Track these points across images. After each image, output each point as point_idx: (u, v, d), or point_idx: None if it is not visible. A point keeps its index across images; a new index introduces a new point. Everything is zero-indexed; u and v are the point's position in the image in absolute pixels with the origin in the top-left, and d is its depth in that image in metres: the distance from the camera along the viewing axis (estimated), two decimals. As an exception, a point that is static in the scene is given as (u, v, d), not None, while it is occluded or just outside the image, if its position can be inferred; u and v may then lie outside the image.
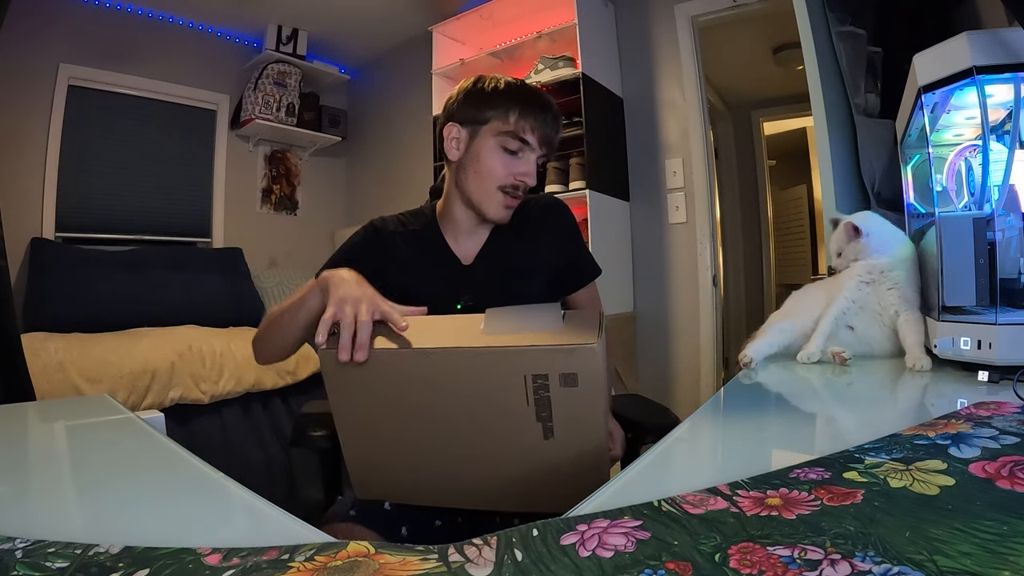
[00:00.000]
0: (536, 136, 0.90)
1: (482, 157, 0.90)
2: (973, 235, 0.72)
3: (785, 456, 0.46)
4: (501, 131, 0.89)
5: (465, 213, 0.95)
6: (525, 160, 0.90)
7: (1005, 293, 0.72)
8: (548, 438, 0.57)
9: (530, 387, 0.55)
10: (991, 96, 0.74)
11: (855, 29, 1.24)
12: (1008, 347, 0.66)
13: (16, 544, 0.33)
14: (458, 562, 0.29)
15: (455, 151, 0.92)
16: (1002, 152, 0.74)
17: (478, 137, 0.90)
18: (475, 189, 0.91)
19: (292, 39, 3.07)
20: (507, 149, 0.89)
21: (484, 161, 0.90)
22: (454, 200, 0.95)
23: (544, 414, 0.56)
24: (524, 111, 0.89)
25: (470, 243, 0.97)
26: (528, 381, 0.55)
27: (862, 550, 0.27)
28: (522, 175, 0.90)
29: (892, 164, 1.16)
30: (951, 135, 0.86)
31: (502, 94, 0.90)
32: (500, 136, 0.89)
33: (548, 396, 0.55)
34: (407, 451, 0.63)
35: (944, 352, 0.73)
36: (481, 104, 0.90)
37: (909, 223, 0.99)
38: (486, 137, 0.90)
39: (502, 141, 0.89)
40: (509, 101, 0.89)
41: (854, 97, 1.27)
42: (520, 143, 0.89)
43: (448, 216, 0.97)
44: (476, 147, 0.90)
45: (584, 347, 0.54)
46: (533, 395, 0.56)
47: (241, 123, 3.09)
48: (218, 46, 3.08)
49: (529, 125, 0.89)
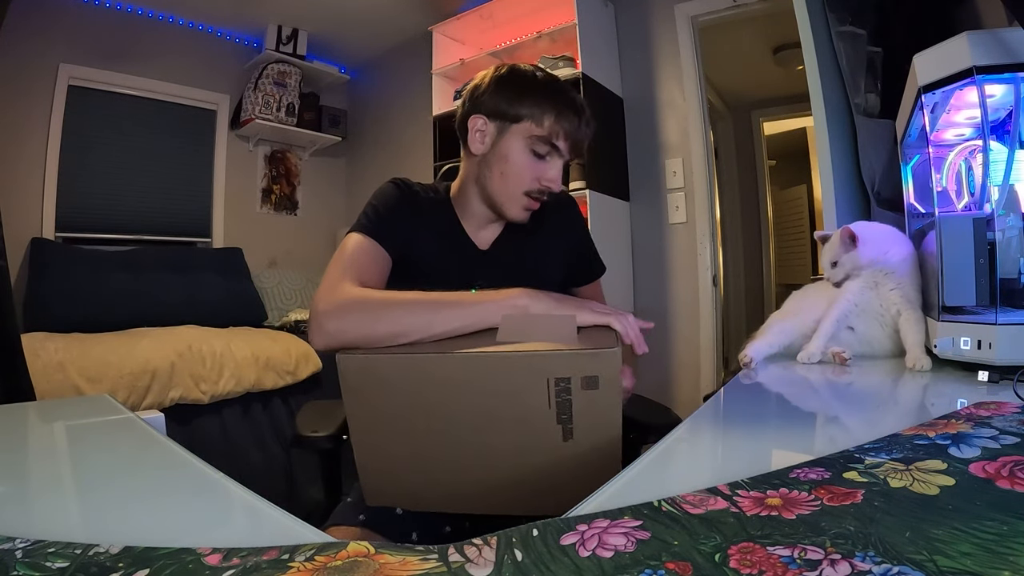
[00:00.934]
0: (568, 143, 0.85)
1: (511, 159, 0.85)
2: (973, 235, 0.72)
3: (785, 456, 0.46)
4: (533, 134, 0.84)
5: (481, 208, 0.91)
6: (552, 165, 0.86)
7: (1005, 293, 0.72)
8: (567, 440, 0.58)
9: (552, 390, 0.57)
10: (991, 96, 0.74)
11: (855, 29, 1.24)
12: (1008, 347, 0.66)
13: (16, 544, 0.33)
14: (458, 562, 0.29)
15: (479, 145, 0.87)
16: (1002, 152, 0.74)
17: (507, 135, 0.85)
18: (499, 190, 0.87)
19: (292, 39, 3.07)
20: (536, 152, 0.85)
21: (513, 163, 0.85)
22: (471, 193, 0.91)
23: (564, 416, 0.58)
24: (560, 116, 0.84)
25: (484, 232, 0.95)
26: (551, 384, 0.57)
27: (862, 550, 0.27)
28: (549, 180, 0.86)
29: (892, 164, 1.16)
30: (951, 135, 0.86)
31: (538, 92, 0.85)
32: (531, 139, 0.84)
33: (569, 400, 0.57)
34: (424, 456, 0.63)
35: (944, 352, 0.73)
36: (514, 99, 0.85)
37: (909, 223, 0.99)
38: (516, 137, 0.85)
39: (532, 144, 0.84)
40: (545, 102, 0.84)
41: (854, 97, 1.27)
42: (550, 148, 0.85)
43: (464, 205, 0.93)
44: (504, 146, 0.85)
45: (607, 351, 0.57)
46: (555, 398, 0.57)
47: (241, 123, 3.09)
48: (218, 46, 3.08)
49: (563, 131, 0.84)
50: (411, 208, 0.88)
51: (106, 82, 2.68)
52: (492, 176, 0.87)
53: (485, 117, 0.86)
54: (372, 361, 0.62)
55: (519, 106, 0.84)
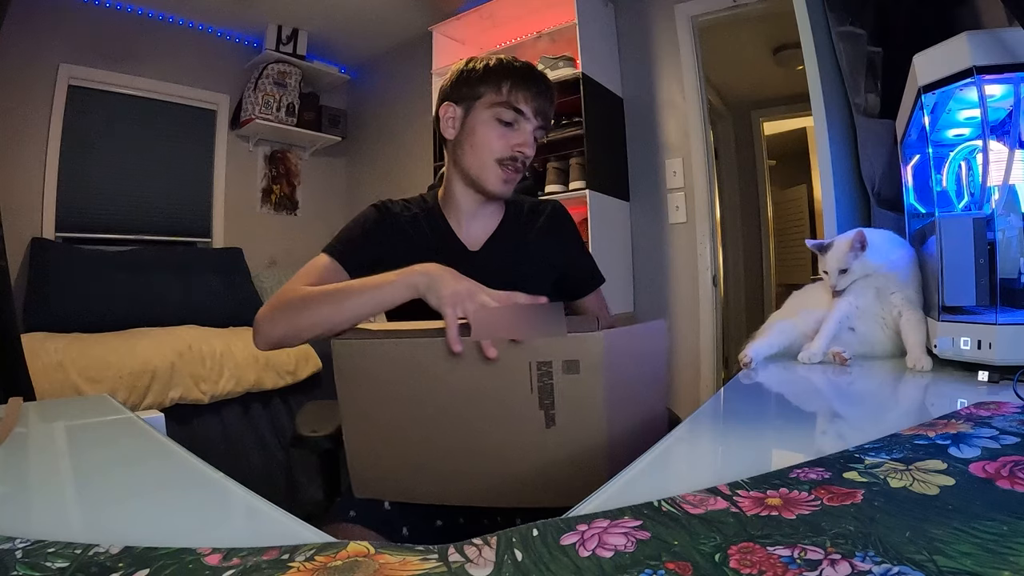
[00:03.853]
0: (530, 106, 0.90)
1: (477, 131, 0.90)
2: (973, 235, 0.72)
3: (785, 456, 0.46)
4: (495, 103, 0.89)
5: (465, 192, 0.95)
6: (521, 131, 0.90)
7: (1005, 293, 0.72)
8: (550, 427, 0.59)
9: (534, 374, 0.58)
10: (991, 96, 0.74)
11: (855, 29, 1.24)
12: (1008, 347, 0.66)
13: (16, 544, 0.33)
14: (458, 562, 0.29)
15: (451, 130, 0.93)
16: (1002, 152, 0.74)
17: (473, 112, 0.91)
18: (472, 163, 0.91)
19: (292, 39, 3.07)
20: (502, 121, 0.89)
21: (479, 134, 0.90)
22: (454, 180, 0.95)
23: (547, 402, 0.58)
24: (516, 82, 0.89)
25: (475, 228, 0.96)
26: (533, 368, 0.58)
27: (862, 550, 0.27)
28: (519, 146, 0.90)
29: (892, 164, 1.16)
30: (951, 135, 0.86)
31: (493, 70, 0.91)
32: (494, 108, 0.89)
33: (551, 384, 0.58)
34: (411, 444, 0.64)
35: (944, 352, 0.73)
36: (474, 81, 0.91)
37: (909, 223, 0.99)
38: (480, 111, 0.90)
39: (496, 113, 0.89)
40: (501, 75, 0.90)
41: (854, 97, 1.27)
42: (515, 113, 0.89)
43: (450, 199, 0.97)
44: (471, 122, 0.91)
45: (588, 335, 0.57)
46: (537, 382, 0.58)
47: (241, 123, 3.08)
48: (218, 46, 3.08)
49: (522, 95, 0.89)
50: (387, 229, 0.93)
51: (106, 82, 2.68)
52: (464, 152, 0.92)
53: (453, 103, 0.92)
54: (362, 347, 0.63)
55: (478, 85, 0.90)
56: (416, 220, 0.95)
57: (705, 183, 2.30)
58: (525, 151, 0.91)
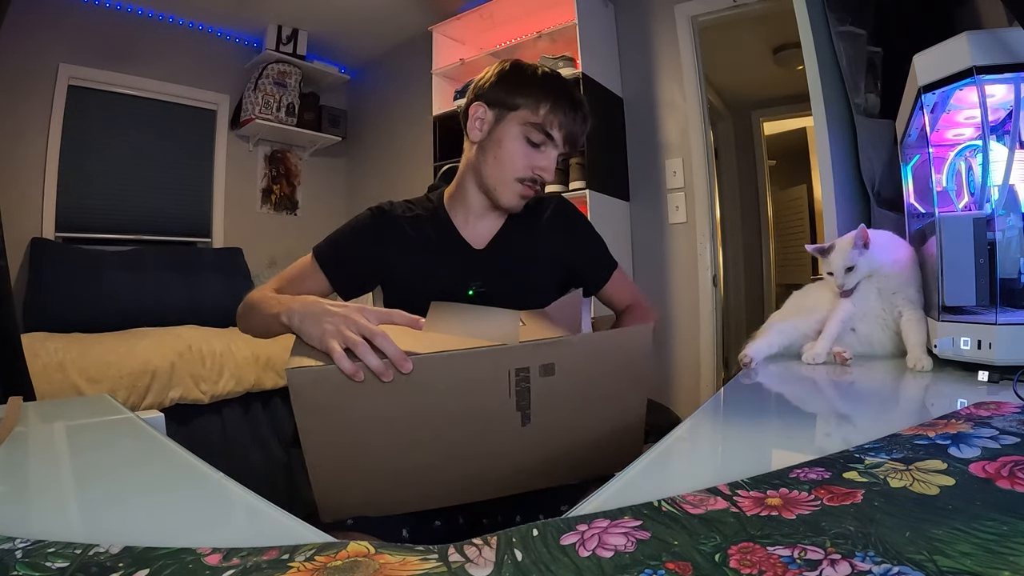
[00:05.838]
0: (562, 133, 0.88)
1: (504, 144, 0.88)
2: (973, 235, 0.72)
3: (785, 456, 0.46)
4: (528, 121, 0.87)
5: (478, 195, 0.94)
6: (546, 155, 0.89)
7: (1005, 293, 0.72)
8: (525, 424, 0.60)
9: (512, 380, 0.58)
10: (991, 96, 0.74)
11: (855, 29, 1.24)
12: (1008, 347, 0.66)
13: (16, 544, 0.33)
14: (458, 562, 0.29)
15: (477, 132, 0.90)
16: (1002, 152, 0.74)
17: (504, 122, 0.89)
18: (492, 174, 0.90)
19: (292, 39, 3.07)
20: (530, 140, 0.88)
21: (506, 148, 0.88)
22: (468, 181, 0.94)
23: (523, 403, 0.59)
24: (555, 105, 0.87)
25: (481, 227, 0.96)
26: (511, 375, 0.58)
27: (862, 550, 0.27)
28: (541, 169, 0.89)
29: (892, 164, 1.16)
30: (951, 135, 0.86)
31: (537, 83, 0.88)
32: (526, 126, 0.87)
33: (528, 387, 0.59)
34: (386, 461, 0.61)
35: (944, 352, 0.73)
36: (512, 89, 0.88)
37: (909, 223, 0.99)
38: (511, 124, 0.88)
39: (527, 131, 0.87)
40: (541, 92, 0.87)
41: (854, 97, 1.27)
42: (544, 137, 0.87)
43: (460, 198, 0.96)
44: (500, 132, 0.89)
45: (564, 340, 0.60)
46: (515, 387, 0.59)
47: (241, 123, 3.08)
48: (218, 46, 3.08)
49: (557, 120, 0.87)
50: (381, 231, 0.92)
51: (106, 82, 2.68)
52: (487, 161, 0.90)
53: (485, 105, 0.90)
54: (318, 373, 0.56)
55: (517, 95, 0.88)
56: (418, 220, 0.95)
57: (705, 183, 2.30)
58: (545, 176, 0.89)
